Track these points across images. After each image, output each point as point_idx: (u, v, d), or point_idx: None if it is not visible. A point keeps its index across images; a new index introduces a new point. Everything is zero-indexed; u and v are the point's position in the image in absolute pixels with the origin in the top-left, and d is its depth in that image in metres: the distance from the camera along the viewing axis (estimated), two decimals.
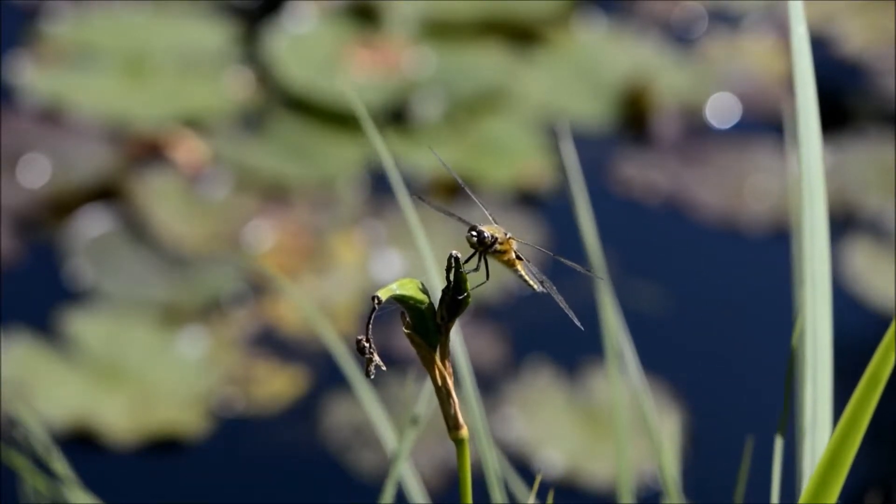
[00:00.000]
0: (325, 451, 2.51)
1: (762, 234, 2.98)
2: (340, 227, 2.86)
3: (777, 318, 2.69)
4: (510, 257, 0.80)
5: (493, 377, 2.63)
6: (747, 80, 3.29)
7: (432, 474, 2.47)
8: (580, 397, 2.60)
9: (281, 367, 2.62)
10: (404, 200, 1.04)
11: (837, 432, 0.72)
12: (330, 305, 2.71)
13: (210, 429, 2.54)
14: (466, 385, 1.00)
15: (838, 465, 0.73)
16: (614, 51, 3.31)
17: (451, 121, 3.12)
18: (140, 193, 2.88)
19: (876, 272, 2.85)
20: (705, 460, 2.51)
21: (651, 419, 1.15)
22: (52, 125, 3.03)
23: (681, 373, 2.64)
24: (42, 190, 2.89)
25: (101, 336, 2.62)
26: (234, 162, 2.98)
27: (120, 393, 2.56)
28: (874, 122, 3.22)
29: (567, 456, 2.53)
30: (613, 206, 3.02)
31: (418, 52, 3.23)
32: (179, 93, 3.11)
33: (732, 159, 3.10)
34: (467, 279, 0.77)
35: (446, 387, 0.77)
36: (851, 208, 3.00)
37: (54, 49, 3.17)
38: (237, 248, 2.82)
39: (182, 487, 2.48)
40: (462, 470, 0.77)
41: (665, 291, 2.81)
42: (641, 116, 3.19)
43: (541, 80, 3.23)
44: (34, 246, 2.82)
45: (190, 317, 2.69)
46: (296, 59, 3.16)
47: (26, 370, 2.56)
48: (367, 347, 0.76)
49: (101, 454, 2.50)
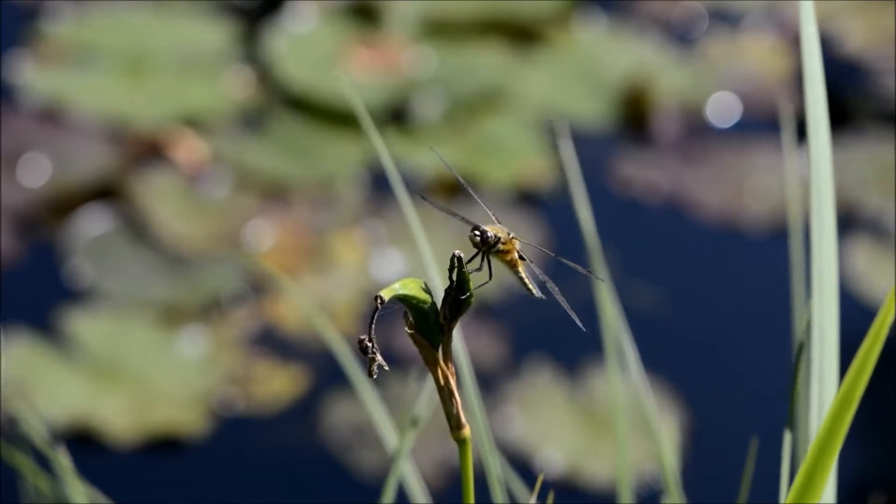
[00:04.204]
0: (325, 451, 2.51)
1: (762, 234, 2.98)
2: (341, 227, 2.86)
3: (777, 318, 2.69)
4: (513, 257, 0.80)
5: (493, 377, 2.63)
6: (747, 79, 3.29)
7: (433, 474, 2.47)
8: (580, 397, 2.60)
9: (281, 367, 2.62)
10: (404, 199, 1.04)
11: (824, 426, 0.72)
12: (330, 305, 2.71)
13: (210, 428, 2.54)
14: (467, 384, 1.00)
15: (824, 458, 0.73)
16: (614, 50, 3.31)
17: (451, 120, 3.12)
18: (140, 193, 2.88)
19: (876, 272, 2.85)
20: (706, 459, 2.52)
21: (651, 418, 1.15)
22: (52, 125, 3.03)
23: (681, 372, 2.64)
24: (42, 189, 2.89)
25: (101, 335, 2.62)
26: (235, 161, 2.98)
27: (120, 392, 2.56)
28: (874, 121, 3.22)
29: (567, 455, 2.53)
30: (613, 205, 3.02)
31: (418, 52, 3.23)
32: (179, 92, 3.11)
33: (733, 159, 3.10)
34: (470, 279, 0.77)
35: (449, 386, 0.77)
36: (851, 208, 3.00)
37: (54, 48, 3.17)
38: (237, 248, 2.82)
39: (182, 487, 2.48)
40: (464, 470, 0.77)
41: (665, 291, 2.81)
42: (641, 116, 3.19)
43: (541, 79, 3.23)
44: (34, 245, 2.82)
45: (190, 316, 2.69)
46: (296, 58, 3.17)
47: (26, 369, 2.56)
48: (369, 347, 0.76)
49: (101, 454, 2.50)
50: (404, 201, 1.03)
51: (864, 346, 0.70)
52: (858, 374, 0.71)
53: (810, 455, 0.73)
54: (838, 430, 0.72)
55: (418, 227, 1.02)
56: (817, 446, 0.73)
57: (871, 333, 0.70)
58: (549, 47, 3.31)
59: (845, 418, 0.72)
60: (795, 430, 0.91)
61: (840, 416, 0.72)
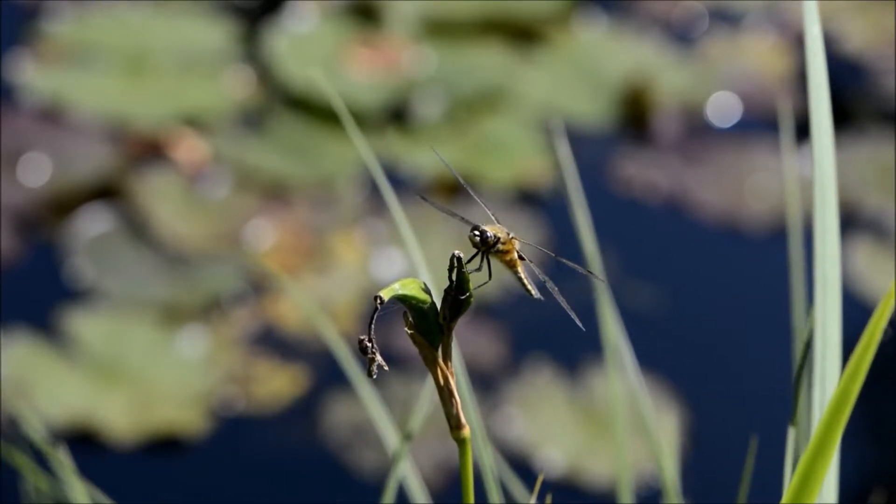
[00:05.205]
0: (325, 451, 2.51)
1: (762, 234, 2.98)
2: (341, 226, 2.86)
3: (777, 318, 2.69)
4: (512, 257, 0.80)
5: (493, 376, 2.63)
6: (748, 79, 3.29)
7: (433, 474, 2.47)
8: (580, 396, 2.60)
9: (281, 367, 2.62)
10: (393, 203, 1.04)
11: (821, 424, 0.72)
12: (330, 304, 2.71)
13: (210, 428, 2.54)
14: (462, 385, 1.00)
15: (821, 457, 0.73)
16: (615, 50, 3.31)
17: (451, 120, 3.12)
18: (140, 192, 2.88)
19: (876, 271, 2.85)
20: (706, 459, 2.52)
21: (649, 418, 1.15)
22: (52, 124, 3.03)
23: (681, 372, 2.64)
24: (42, 189, 2.89)
25: (101, 335, 2.62)
26: (235, 161, 2.98)
27: (120, 392, 2.56)
28: (874, 121, 3.22)
29: (567, 455, 2.53)
30: (614, 205, 3.02)
31: (419, 52, 3.23)
32: (180, 92, 3.11)
33: (733, 158, 3.10)
34: (470, 279, 0.77)
35: (448, 386, 0.77)
36: (851, 208, 3.00)
37: (55, 48, 3.17)
38: (237, 248, 2.82)
39: (182, 486, 2.48)
40: (464, 469, 0.77)
41: (665, 290, 2.81)
42: (642, 116, 3.19)
43: (541, 79, 3.23)
44: (34, 245, 2.82)
45: (190, 316, 2.69)
46: (296, 58, 3.17)
47: (27, 369, 2.56)
48: (369, 347, 0.76)
49: (101, 453, 2.50)
50: (394, 204, 1.03)
51: (860, 345, 0.70)
52: (854, 373, 0.71)
53: (807, 454, 0.73)
54: (835, 429, 0.72)
55: (408, 229, 1.01)
56: (814, 445, 0.73)
57: (867, 332, 0.70)
58: (550, 47, 3.31)
59: (842, 416, 0.72)
60: (799, 430, 0.91)
61: (837, 414, 0.72)
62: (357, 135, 1.02)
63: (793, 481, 0.73)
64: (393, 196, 1.04)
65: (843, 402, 0.71)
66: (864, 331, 0.70)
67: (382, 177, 1.04)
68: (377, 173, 1.03)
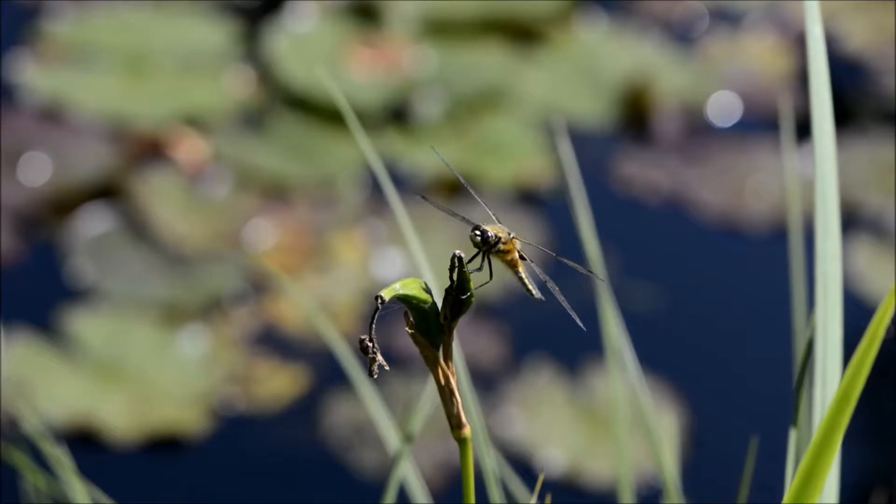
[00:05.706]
0: (325, 451, 2.51)
1: (763, 234, 2.98)
2: (341, 226, 2.86)
3: (777, 318, 2.69)
4: (513, 257, 0.80)
5: (493, 376, 2.62)
6: (748, 78, 3.29)
7: (433, 473, 2.47)
8: (581, 396, 2.60)
9: (282, 366, 2.62)
10: (393, 201, 1.04)
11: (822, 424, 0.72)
12: (331, 304, 2.71)
13: (211, 428, 2.54)
14: (462, 384, 1.00)
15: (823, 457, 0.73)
16: (615, 50, 3.31)
17: (451, 120, 3.12)
18: (141, 192, 2.88)
19: (876, 271, 2.85)
20: (706, 459, 2.52)
21: (650, 418, 1.15)
22: (52, 124, 3.03)
23: (681, 372, 2.64)
24: (43, 188, 2.89)
25: (101, 335, 2.62)
26: (235, 161, 2.98)
27: (120, 392, 2.56)
28: (875, 120, 3.22)
29: (568, 455, 2.53)
30: (614, 204, 3.02)
31: (419, 51, 3.23)
32: (180, 91, 3.11)
33: (733, 158, 3.09)
34: (470, 279, 0.77)
35: (449, 386, 0.77)
36: (852, 207, 3.00)
37: (55, 48, 3.17)
38: (238, 247, 2.82)
39: (182, 486, 2.48)
40: (465, 469, 0.77)
41: (665, 290, 2.81)
42: (642, 115, 3.19)
43: (541, 79, 3.23)
44: (35, 244, 2.82)
45: (191, 315, 2.69)
46: (296, 58, 3.17)
47: (27, 369, 2.56)
48: (370, 347, 0.76)
49: (101, 453, 2.50)
50: (395, 204, 1.03)
51: (862, 344, 0.70)
52: (856, 373, 0.71)
53: (809, 454, 0.73)
54: (837, 429, 0.72)
55: (409, 227, 1.01)
56: (816, 445, 0.73)
57: (869, 332, 0.70)
58: (550, 47, 3.31)
59: (844, 417, 0.72)
60: (800, 430, 0.91)
61: (838, 414, 0.72)
62: (360, 132, 1.02)
63: (794, 482, 0.73)
64: (394, 195, 1.04)
65: (844, 403, 0.71)
66: (866, 330, 0.69)
67: (384, 175, 1.04)
68: (379, 171, 1.03)
